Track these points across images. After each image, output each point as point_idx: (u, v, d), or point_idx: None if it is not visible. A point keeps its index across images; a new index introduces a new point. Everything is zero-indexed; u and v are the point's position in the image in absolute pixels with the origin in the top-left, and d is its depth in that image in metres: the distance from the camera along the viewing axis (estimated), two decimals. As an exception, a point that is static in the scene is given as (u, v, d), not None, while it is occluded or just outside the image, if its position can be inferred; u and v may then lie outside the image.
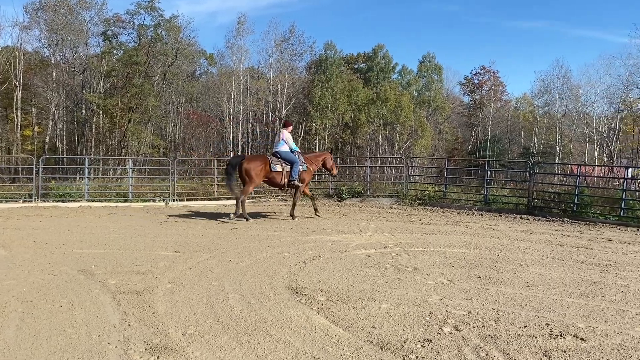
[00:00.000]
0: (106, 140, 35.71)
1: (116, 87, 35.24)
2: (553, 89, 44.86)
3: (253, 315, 4.77)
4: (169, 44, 36.34)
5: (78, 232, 9.58)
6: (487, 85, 52.41)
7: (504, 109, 52.84)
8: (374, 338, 4.22)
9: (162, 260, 7.14)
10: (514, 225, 11.46)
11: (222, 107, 39.51)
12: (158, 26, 35.64)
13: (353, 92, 43.02)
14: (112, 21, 36.30)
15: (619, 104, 36.19)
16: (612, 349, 4.09)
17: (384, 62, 51.05)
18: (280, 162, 11.42)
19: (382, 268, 6.76)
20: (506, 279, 6.30)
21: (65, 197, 15.38)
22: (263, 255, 7.48)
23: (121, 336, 4.23)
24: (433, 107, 47.76)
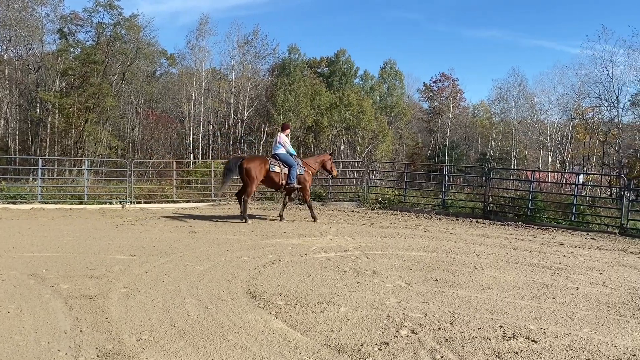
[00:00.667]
0: (62, 141, 34.54)
1: (73, 86, 34.15)
2: (509, 97, 46.22)
3: (210, 320, 4.71)
4: (128, 43, 35.52)
5: (29, 235, 9.25)
6: (446, 92, 53.52)
7: (462, 116, 54.04)
8: (332, 342, 4.23)
9: (117, 264, 6.96)
10: (470, 229, 11.71)
11: (182, 108, 38.86)
12: (117, 25, 34.78)
13: (316, 96, 43.09)
14: (69, 18, 35.20)
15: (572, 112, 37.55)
16: (562, 349, 4.22)
17: (346, 67, 51.36)
18: (278, 164, 11.61)
19: (341, 271, 6.79)
20: (462, 282, 6.43)
21: (17, 199, 14.81)
22: (222, 259, 7.40)
23: (72, 342, 4.10)
24: (394, 113, 48.37)
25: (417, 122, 54.33)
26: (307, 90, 42.32)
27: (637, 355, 4.16)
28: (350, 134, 43.16)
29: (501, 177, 25.44)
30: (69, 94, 33.23)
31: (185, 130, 38.93)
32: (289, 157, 11.76)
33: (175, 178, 17.77)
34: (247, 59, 41.47)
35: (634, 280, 6.86)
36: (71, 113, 32.75)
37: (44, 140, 33.53)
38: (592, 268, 7.61)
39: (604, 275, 7.11)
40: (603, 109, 34.34)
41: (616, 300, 5.78)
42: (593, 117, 36.29)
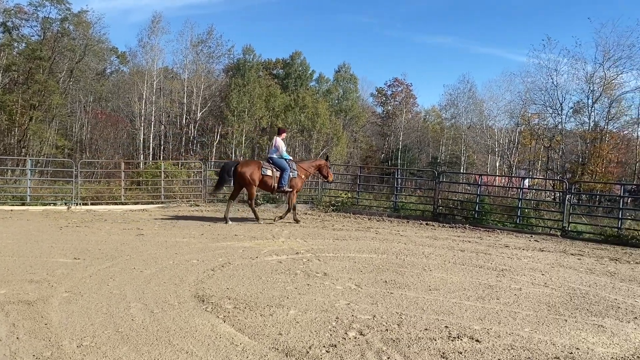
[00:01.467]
0: (4, 139, 33.01)
1: (16, 82, 32.73)
2: (459, 103, 47.58)
3: (155, 324, 4.60)
4: (77, 40, 34.35)
5: (-36, 238, 8.79)
6: (399, 97, 54.43)
7: (415, 120, 55.12)
8: (280, 345, 4.21)
9: (59, 267, 6.71)
10: (420, 231, 11.93)
11: (133, 108, 37.91)
12: (65, 20, 33.57)
13: (271, 98, 42.98)
14: (13, 12, 33.70)
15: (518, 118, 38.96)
16: (504, 349, 4.35)
17: (301, 69, 51.53)
18: (271, 167, 11.97)
19: (292, 274, 6.78)
20: (410, 283, 6.54)
21: (-48, 200, 14.06)
22: (170, 263, 7.25)
23: (7, 350, 3.92)
24: (349, 116, 48.83)
25: (372, 125, 55.02)
26: (261, 92, 42.15)
27: (573, 353, 4.33)
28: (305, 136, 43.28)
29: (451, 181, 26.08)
30: (12, 91, 31.83)
31: (135, 130, 38.00)
32: (282, 161, 12.04)
33: (124, 179, 17.30)
34: (201, 58, 40.94)
35: (573, 281, 7.16)
36: (14, 110, 31.36)
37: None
38: (535, 269, 7.89)
39: (546, 276, 7.38)
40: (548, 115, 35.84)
41: (556, 301, 6.01)
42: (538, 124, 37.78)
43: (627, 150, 34.62)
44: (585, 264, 8.55)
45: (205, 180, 16.74)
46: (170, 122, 40.38)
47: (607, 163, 32.11)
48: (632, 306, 5.91)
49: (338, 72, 52.55)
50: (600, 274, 7.79)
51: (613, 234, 11.70)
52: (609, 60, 31.88)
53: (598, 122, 33.61)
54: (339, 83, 52.05)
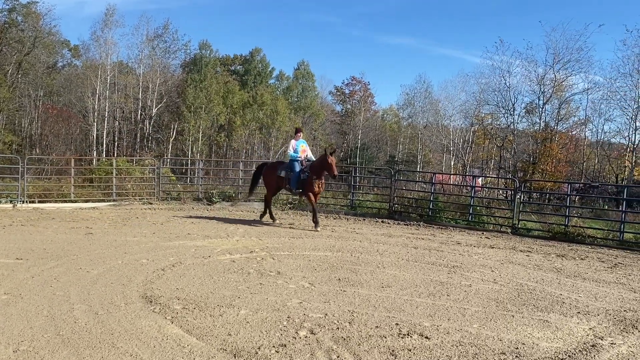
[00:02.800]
0: (-55, 134, 31.48)
1: (-41, 74, 31.26)
2: (416, 102, 48.31)
3: (99, 327, 4.45)
4: (25, 31, 33.04)
5: None
6: (357, 95, 54.81)
7: (373, 119, 55.65)
8: (228, 346, 4.15)
9: (0, 268, 6.40)
10: (375, 228, 12.03)
11: (86, 103, 36.76)
12: (13, 10, 32.29)
13: (229, 94, 42.50)
14: (-45, 0, 32.22)
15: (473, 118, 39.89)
16: (452, 345, 4.42)
17: (261, 66, 51.18)
18: (284, 169, 11.77)
19: (245, 273, 6.70)
20: (363, 280, 6.57)
21: None
22: (118, 263, 7.04)
23: (-64, 358, 3.71)
24: (308, 114, 48.83)
25: (331, 124, 55.22)
26: (219, 88, 41.63)
27: (519, 348, 4.44)
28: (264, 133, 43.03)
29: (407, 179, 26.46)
30: (-46, 83, 30.38)
31: (88, 126, 36.87)
32: (291, 163, 11.58)
33: (75, 176, 16.71)
34: (157, 53, 40.12)
35: (521, 277, 7.35)
36: (-44, 104, 29.94)
37: None
38: (485, 266, 8.07)
39: (495, 273, 7.55)
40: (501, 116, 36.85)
41: (504, 297, 6.16)
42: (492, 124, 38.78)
43: (575, 150, 35.99)
44: (534, 261, 8.80)
45: (159, 177, 16.37)
46: (125, 118, 39.40)
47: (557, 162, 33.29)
48: (576, 301, 6.12)
49: (297, 69, 52.48)
50: (547, 270, 8.03)
51: (560, 231, 12.10)
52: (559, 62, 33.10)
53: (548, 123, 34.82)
54: (298, 80, 51.99)
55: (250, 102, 42.72)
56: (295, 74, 52.29)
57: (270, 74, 52.52)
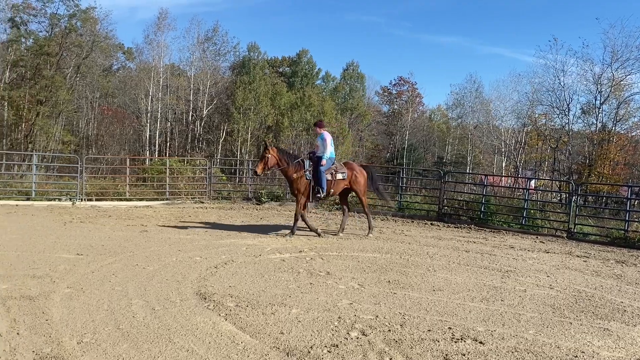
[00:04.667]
0: (10, 134, 33.15)
1: (24, 77, 32.83)
2: (466, 102, 47.30)
3: (156, 322, 4.58)
4: (84, 36, 34.41)
5: (-32, 233, 8.81)
6: (405, 96, 54.24)
7: (421, 119, 54.92)
8: (281, 344, 4.18)
9: (62, 263, 6.70)
10: (424, 231, 11.87)
11: (139, 104, 37.97)
12: (73, 16, 33.64)
13: (276, 96, 42.93)
14: (22, 7, 33.84)
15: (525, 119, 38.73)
16: (508, 351, 4.30)
17: (307, 68, 51.42)
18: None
19: (295, 272, 6.74)
20: (414, 283, 6.49)
21: (-42, 194, 14.11)
22: (173, 260, 7.23)
23: (7, 346, 3.91)
24: (355, 115, 48.67)
25: (377, 124, 54.85)
26: (267, 90, 42.09)
27: (578, 356, 4.28)
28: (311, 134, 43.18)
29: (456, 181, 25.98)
30: (20, 86, 31.94)
31: (141, 127, 38.05)
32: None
33: (130, 175, 17.31)
34: (207, 55, 40.95)
35: (579, 283, 7.08)
36: (21, 106, 31.48)
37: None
38: (540, 271, 7.82)
39: (551, 278, 7.31)
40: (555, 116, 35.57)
41: (561, 303, 5.95)
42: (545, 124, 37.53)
43: (635, 152, 34.32)
44: (591, 266, 8.46)
45: (210, 177, 16.73)
46: (177, 119, 40.43)
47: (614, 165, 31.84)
48: (639, 309, 5.84)
49: (346, 70, 52.40)
50: (607, 276, 7.70)
51: (619, 236, 11.58)
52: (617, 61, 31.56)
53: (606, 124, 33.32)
54: (346, 81, 51.91)
55: (298, 103, 42.98)
56: (343, 75, 52.24)
57: (316, 75, 52.71)
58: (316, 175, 9.83)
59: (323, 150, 9.88)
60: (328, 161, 9.93)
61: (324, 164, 9.85)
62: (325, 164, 9.87)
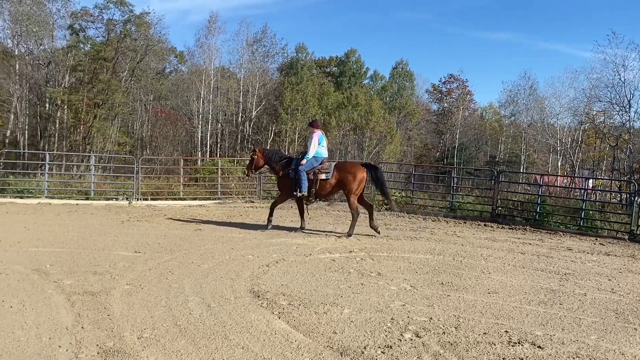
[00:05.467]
0: (70, 136, 34.70)
1: (82, 82, 34.30)
2: (519, 100, 45.95)
3: (212, 319, 4.67)
4: (138, 40, 35.61)
5: (35, 230, 9.26)
6: (455, 94, 53.25)
7: (472, 118, 53.78)
8: (335, 344, 4.18)
9: (121, 260, 6.95)
10: (477, 232, 11.61)
11: (191, 106, 38.97)
12: (128, 22, 34.89)
13: (324, 96, 43.06)
14: (80, 14, 35.41)
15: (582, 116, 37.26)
16: (568, 356, 4.14)
17: (356, 67, 51.33)
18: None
19: (346, 273, 6.73)
20: (468, 285, 6.35)
21: (24, 193, 14.88)
22: (226, 258, 7.36)
23: (73, 339, 4.07)
24: (403, 114, 48.18)
25: (426, 123, 54.08)
26: (314, 90, 42.29)
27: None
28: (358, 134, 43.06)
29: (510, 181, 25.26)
30: (78, 90, 33.37)
31: (193, 128, 39.02)
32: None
33: (183, 175, 17.78)
34: (256, 57, 41.56)
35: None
36: (80, 109, 32.90)
37: (52, 136, 33.72)
38: (601, 274, 7.50)
39: (613, 282, 6.99)
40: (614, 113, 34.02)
41: (625, 308, 5.68)
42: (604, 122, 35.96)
43: (703, 151, 32.41)
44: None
45: (260, 177, 16.95)
46: (227, 121, 41.23)
47: (680, 164, 30.16)
48: None
49: (395, 68, 51.98)
50: (675, 281, 7.30)
51: (687, 239, 10.97)
52: (683, 54, 29.89)
53: (670, 120, 31.66)
54: (395, 80, 51.47)
55: (345, 103, 42.96)
56: (392, 73, 51.84)
57: (364, 75, 52.55)
58: (295, 175, 9.93)
59: (307, 150, 10.02)
60: (311, 160, 9.96)
61: (304, 163, 9.89)
62: (305, 163, 9.90)
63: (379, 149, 41.70)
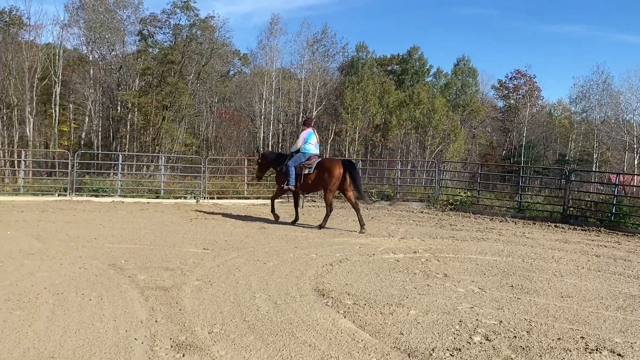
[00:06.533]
0: (140, 137, 36.34)
1: (151, 85, 35.83)
2: (592, 95, 43.72)
3: (279, 316, 4.73)
4: (203, 44, 36.76)
5: (109, 227, 9.74)
6: (522, 90, 51.28)
7: (540, 114, 51.65)
8: (402, 345, 4.13)
9: (191, 257, 7.18)
10: (548, 233, 11.15)
11: (253, 107, 39.77)
12: (193, 26, 36.11)
13: (385, 94, 42.72)
14: (149, 20, 37.01)
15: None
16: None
17: (418, 65, 50.56)
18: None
19: (410, 273, 6.64)
20: (539, 288, 6.11)
21: (99, 192, 15.69)
22: (290, 256, 7.45)
23: (148, 332, 4.24)
24: (467, 111, 46.95)
25: (491, 121, 52.46)
26: (375, 89, 42.03)
27: None
28: (420, 132, 42.42)
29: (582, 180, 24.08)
30: (148, 93, 34.86)
31: (256, 129, 39.81)
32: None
33: (247, 175, 18.16)
34: (317, 57, 41.83)
35: None
36: (149, 111, 34.35)
37: (123, 137, 35.42)
38: (687, 280, 7.00)
39: (701, 289, 6.51)
40: (699, 107, 31.70)
41: None
42: (686, 117, 33.60)
43: None
44: None
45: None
46: (288, 121, 41.76)
47: None
48: None
49: (457, 65, 50.77)
50: None
51: None
52: None
53: None
54: (457, 77, 50.29)
55: (407, 101, 42.43)
56: (454, 70, 50.69)
57: (427, 72, 51.67)
58: (285, 169, 10.79)
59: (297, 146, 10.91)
60: (299, 156, 10.76)
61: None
62: (294, 158, 10.79)
63: (442, 147, 40.90)
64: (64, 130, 38.40)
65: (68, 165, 15.70)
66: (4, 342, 3.93)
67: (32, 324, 4.33)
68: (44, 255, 7.01)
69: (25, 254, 7.00)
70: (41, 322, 4.40)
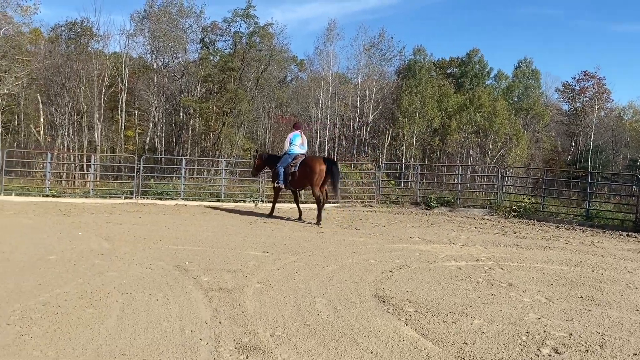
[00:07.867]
0: (201, 142, 37.44)
1: (212, 91, 36.85)
2: (666, 97, 41.17)
3: (340, 321, 4.72)
4: (262, 51, 37.44)
5: (174, 229, 10.06)
6: (590, 92, 48.97)
7: (609, 118, 49.17)
8: (466, 355, 4.02)
9: (251, 260, 7.30)
10: (619, 243, 10.57)
11: (310, 112, 40.07)
12: (253, 33, 36.85)
13: (443, 98, 41.97)
14: (210, 28, 38.11)
15: None
16: None
17: (478, 67, 49.41)
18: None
19: (474, 282, 6.47)
20: (612, 300, 5.80)
21: (163, 195, 16.26)
22: (349, 261, 7.43)
23: (212, 333, 4.34)
24: (531, 115, 45.33)
25: (556, 124, 50.44)
26: (433, 92, 41.37)
27: None
28: (481, 137, 41.38)
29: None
30: (209, 99, 35.88)
31: (312, 134, 40.08)
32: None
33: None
34: (373, 61, 41.74)
35: None
36: (210, 117, 35.34)
37: (185, 142, 36.59)
38: None
39: None
40: None
41: None
42: None
43: None
44: None
45: (378, 181, 16.97)
46: (344, 125, 41.82)
47: None
48: None
49: (518, 67, 49.23)
50: None
51: None
52: None
53: None
54: (519, 79, 48.71)
55: (467, 104, 41.49)
56: (515, 72, 49.16)
57: (488, 75, 50.40)
58: (276, 170, 12.16)
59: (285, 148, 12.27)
60: (286, 157, 12.05)
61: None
62: (282, 159, 12.12)
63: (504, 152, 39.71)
64: (129, 135, 40.17)
65: (134, 169, 16.36)
66: (79, 339, 4.13)
67: (104, 322, 4.53)
68: (113, 255, 7.33)
69: (95, 254, 7.34)
70: (112, 320, 4.59)
